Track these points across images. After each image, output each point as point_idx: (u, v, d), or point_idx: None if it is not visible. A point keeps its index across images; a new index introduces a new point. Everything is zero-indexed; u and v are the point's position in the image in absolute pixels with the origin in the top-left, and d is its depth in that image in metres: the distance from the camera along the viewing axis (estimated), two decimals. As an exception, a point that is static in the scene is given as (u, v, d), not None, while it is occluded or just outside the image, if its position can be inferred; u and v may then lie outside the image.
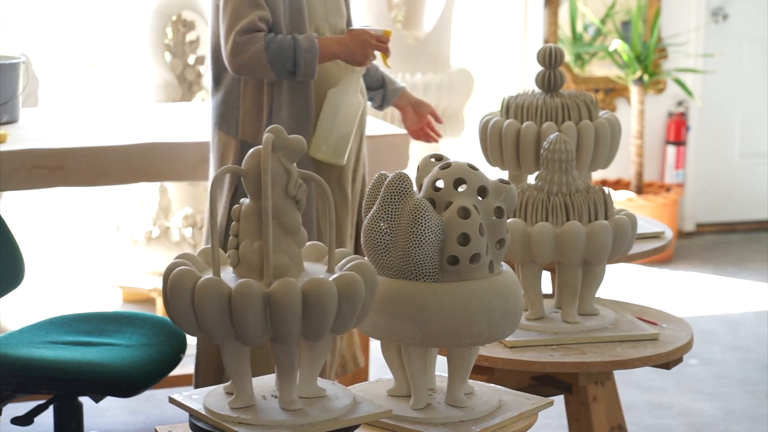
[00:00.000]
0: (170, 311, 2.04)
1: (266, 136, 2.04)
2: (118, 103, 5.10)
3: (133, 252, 5.18)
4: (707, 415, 4.31)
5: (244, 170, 2.07)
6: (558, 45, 4.13)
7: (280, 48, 3.28)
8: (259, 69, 3.29)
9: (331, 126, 3.37)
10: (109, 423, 4.14)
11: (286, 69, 3.30)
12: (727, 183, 6.87)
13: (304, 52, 3.29)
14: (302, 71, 3.31)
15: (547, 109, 3.15)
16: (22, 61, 4.04)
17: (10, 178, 3.61)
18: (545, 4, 6.41)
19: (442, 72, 5.66)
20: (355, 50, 3.36)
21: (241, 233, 2.07)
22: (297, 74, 3.31)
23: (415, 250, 2.14)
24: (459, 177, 2.20)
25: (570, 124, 3.11)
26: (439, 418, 2.20)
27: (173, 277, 2.02)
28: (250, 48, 3.26)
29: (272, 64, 3.27)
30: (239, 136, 3.42)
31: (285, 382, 2.07)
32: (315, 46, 3.31)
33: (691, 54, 6.57)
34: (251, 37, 3.27)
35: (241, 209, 2.08)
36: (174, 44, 5.27)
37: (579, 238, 2.67)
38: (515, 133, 3.12)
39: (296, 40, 3.30)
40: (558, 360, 2.63)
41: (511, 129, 3.12)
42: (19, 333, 3.30)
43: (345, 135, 3.39)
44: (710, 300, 5.66)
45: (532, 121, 3.14)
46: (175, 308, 2.02)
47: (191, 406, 2.10)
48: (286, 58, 3.28)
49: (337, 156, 3.39)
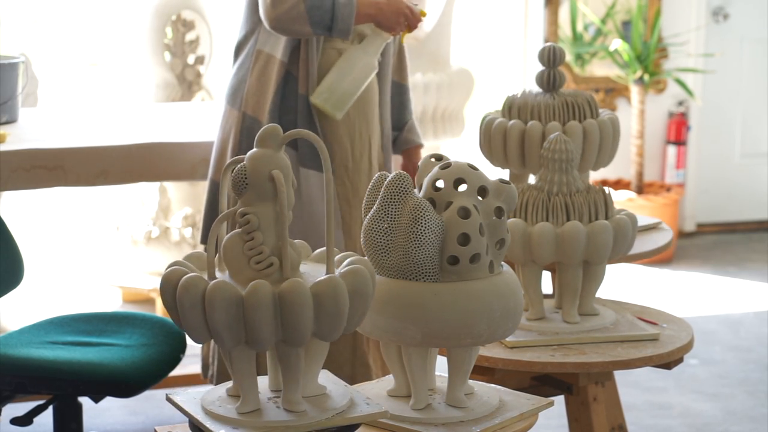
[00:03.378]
0: (179, 318, 2.00)
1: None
2: (117, 103, 5.10)
3: (132, 252, 5.18)
4: (708, 416, 4.31)
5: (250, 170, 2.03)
6: (558, 44, 4.13)
7: (319, 0, 3.28)
8: (297, 21, 3.29)
9: (341, 79, 3.38)
10: (108, 423, 4.14)
11: (324, 23, 3.30)
12: (728, 183, 6.86)
13: (342, 7, 3.30)
14: (339, 26, 3.31)
15: (550, 109, 3.16)
16: (21, 60, 4.04)
17: (10, 178, 3.60)
18: (545, 3, 6.41)
19: (442, 72, 5.65)
20: (389, 16, 3.37)
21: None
22: (333, 30, 3.31)
23: (415, 250, 2.13)
24: (459, 177, 2.19)
25: (575, 123, 3.12)
26: (439, 419, 2.19)
27: (183, 283, 1.97)
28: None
29: (310, 16, 3.28)
30: (242, 108, 3.45)
31: (291, 383, 2.05)
32: (353, 2, 3.32)
33: (692, 54, 6.57)
34: None
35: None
36: (174, 44, 5.27)
37: (579, 238, 2.67)
38: (520, 132, 3.13)
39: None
40: (558, 360, 2.63)
41: (516, 129, 3.13)
42: (18, 333, 3.30)
43: (350, 92, 3.39)
44: (711, 300, 5.66)
45: (535, 120, 3.14)
46: (183, 314, 1.98)
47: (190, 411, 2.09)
48: (325, 11, 3.29)
49: (335, 108, 3.39)
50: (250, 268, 2.02)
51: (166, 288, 2.01)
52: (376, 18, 3.38)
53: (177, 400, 2.13)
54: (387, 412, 2.12)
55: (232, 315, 1.95)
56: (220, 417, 2.05)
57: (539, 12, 6.41)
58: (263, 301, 1.94)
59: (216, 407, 2.07)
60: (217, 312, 1.95)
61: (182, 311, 1.98)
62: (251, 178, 2.03)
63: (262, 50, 3.44)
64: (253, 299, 1.94)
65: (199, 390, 2.17)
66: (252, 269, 2.02)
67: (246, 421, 2.03)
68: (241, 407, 2.06)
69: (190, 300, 1.97)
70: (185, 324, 1.99)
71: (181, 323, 2.01)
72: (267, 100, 3.41)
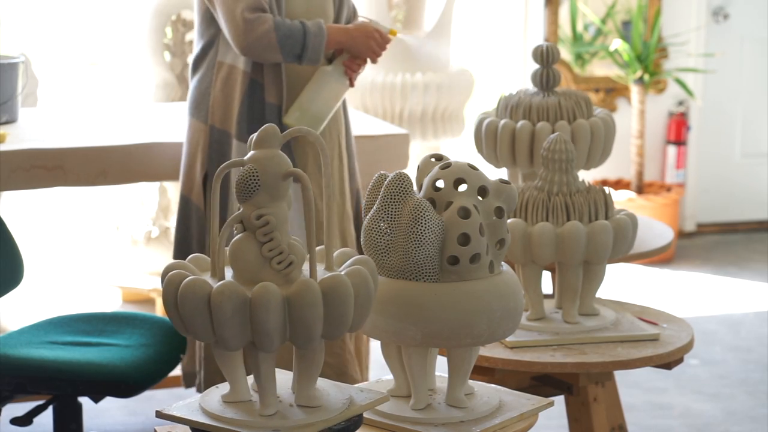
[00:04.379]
0: (182, 321, 1.99)
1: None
2: (117, 103, 5.09)
3: (132, 252, 5.17)
4: (708, 416, 4.31)
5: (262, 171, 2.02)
6: (554, 44, 4.14)
7: (290, 30, 3.30)
8: (268, 50, 3.31)
9: (312, 101, 3.41)
10: (108, 423, 4.14)
11: (294, 52, 3.33)
12: (728, 183, 6.86)
13: (313, 37, 3.33)
14: (309, 56, 3.34)
15: (544, 108, 3.18)
16: (21, 60, 4.04)
17: (9, 178, 3.60)
18: (545, 3, 6.41)
19: (442, 72, 5.65)
20: (359, 42, 3.41)
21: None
22: (303, 58, 3.35)
23: (415, 250, 2.13)
24: (459, 177, 2.19)
25: (563, 123, 3.16)
26: (440, 419, 2.19)
27: (185, 285, 1.96)
28: (259, 27, 3.28)
29: (282, 45, 3.30)
30: (209, 121, 3.44)
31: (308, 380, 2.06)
32: (323, 31, 3.35)
33: (692, 54, 6.57)
34: (259, 17, 3.28)
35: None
36: (173, 44, 5.26)
37: (579, 239, 2.67)
38: (510, 132, 3.16)
39: (304, 24, 3.33)
40: (558, 360, 2.63)
41: (507, 128, 3.17)
42: (18, 333, 3.30)
43: (321, 115, 3.43)
44: (711, 300, 5.66)
45: (528, 119, 3.18)
46: (187, 317, 1.97)
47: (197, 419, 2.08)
48: (296, 41, 3.31)
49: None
50: (268, 269, 2.01)
51: (168, 290, 2.00)
52: (347, 45, 3.41)
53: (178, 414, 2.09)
54: (388, 396, 2.14)
55: (240, 317, 1.94)
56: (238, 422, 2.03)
57: (539, 12, 6.41)
58: (272, 301, 1.94)
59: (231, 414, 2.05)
60: (224, 314, 1.94)
61: (186, 313, 1.97)
62: (264, 178, 2.01)
63: (224, 62, 3.43)
64: (262, 300, 1.94)
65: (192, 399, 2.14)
66: (271, 270, 2.01)
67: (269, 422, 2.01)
68: (262, 410, 2.04)
69: (195, 302, 1.95)
70: (189, 326, 1.98)
71: (185, 326, 1.99)
72: (234, 111, 3.42)
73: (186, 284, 1.97)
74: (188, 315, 1.97)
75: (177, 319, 2.00)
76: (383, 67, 5.49)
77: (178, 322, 2.01)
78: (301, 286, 1.95)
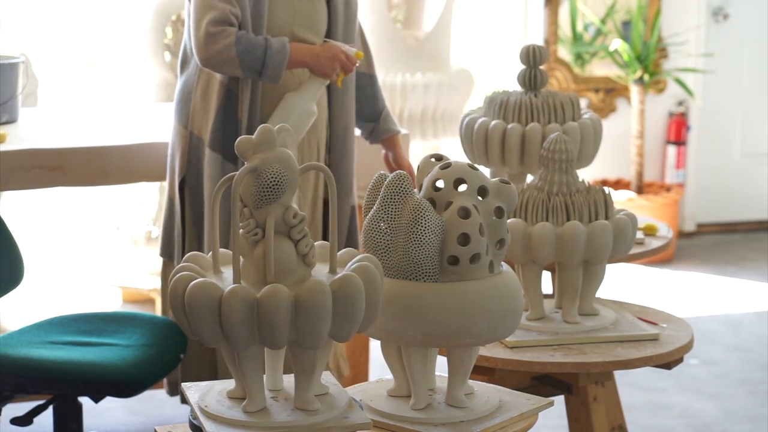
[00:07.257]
0: (190, 323, 1.98)
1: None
2: (117, 103, 5.09)
3: (132, 252, 5.18)
4: (708, 416, 4.31)
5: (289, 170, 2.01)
6: (542, 45, 4.15)
7: (251, 45, 3.26)
8: (228, 63, 3.28)
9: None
10: (109, 423, 4.14)
11: (254, 68, 3.28)
12: (728, 183, 6.86)
13: (275, 54, 3.28)
14: (269, 73, 3.29)
15: (529, 108, 3.20)
16: (21, 60, 4.04)
17: (10, 178, 3.60)
18: (545, 3, 6.41)
19: (442, 72, 5.65)
20: (323, 62, 3.35)
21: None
22: (263, 75, 3.30)
23: (415, 250, 2.13)
24: (459, 177, 2.19)
25: (555, 125, 3.18)
26: (440, 419, 2.19)
27: (192, 288, 1.95)
28: (221, 41, 3.25)
29: (241, 60, 3.26)
30: (189, 127, 3.46)
31: (304, 383, 2.05)
32: (286, 49, 3.30)
33: (692, 54, 6.57)
34: (223, 30, 3.25)
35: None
36: (174, 44, 5.26)
37: (579, 239, 2.67)
38: (501, 133, 3.19)
39: (268, 40, 3.28)
40: (558, 360, 2.63)
41: (497, 129, 3.20)
42: (18, 333, 3.30)
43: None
44: (711, 300, 5.66)
45: (516, 120, 3.20)
46: (196, 320, 1.96)
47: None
48: (256, 57, 3.26)
49: None
50: (303, 266, 2.02)
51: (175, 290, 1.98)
52: (311, 65, 3.36)
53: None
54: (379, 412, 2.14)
55: (248, 318, 1.94)
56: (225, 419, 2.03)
57: (539, 12, 6.41)
58: (281, 302, 1.93)
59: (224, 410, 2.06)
60: (234, 316, 1.93)
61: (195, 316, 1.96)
62: (290, 177, 2.01)
63: (204, 69, 3.42)
64: (271, 302, 1.93)
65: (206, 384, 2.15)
66: (305, 267, 2.02)
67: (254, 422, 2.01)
68: (247, 406, 2.04)
69: (205, 304, 1.94)
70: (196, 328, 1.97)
71: (191, 328, 1.99)
72: (209, 120, 3.41)
73: (195, 286, 1.96)
74: (197, 318, 1.96)
75: (184, 321, 1.99)
76: (383, 67, 5.49)
77: (185, 324, 2.00)
78: (309, 288, 1.94)
